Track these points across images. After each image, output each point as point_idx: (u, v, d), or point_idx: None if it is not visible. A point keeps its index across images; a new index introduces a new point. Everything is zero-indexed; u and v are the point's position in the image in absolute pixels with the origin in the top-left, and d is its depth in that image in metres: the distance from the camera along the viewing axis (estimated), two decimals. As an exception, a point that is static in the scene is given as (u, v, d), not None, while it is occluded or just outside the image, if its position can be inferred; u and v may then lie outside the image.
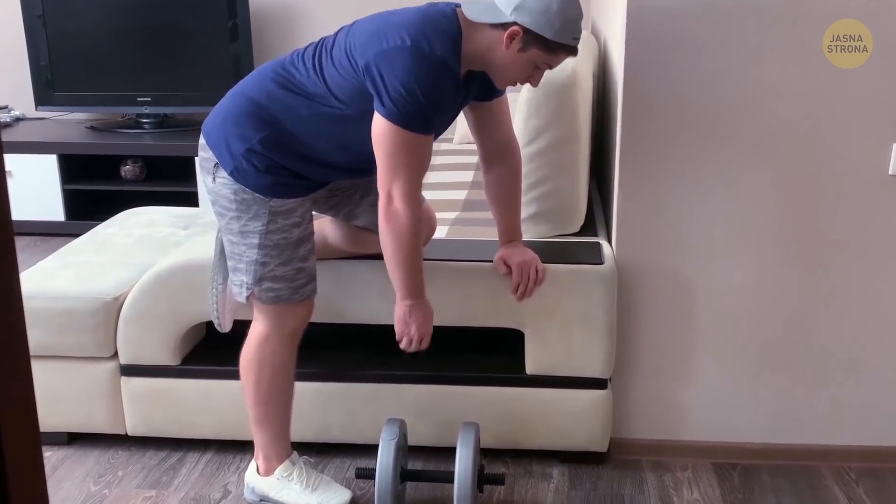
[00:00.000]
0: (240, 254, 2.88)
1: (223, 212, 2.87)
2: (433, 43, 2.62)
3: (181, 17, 6.07)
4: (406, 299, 2.85)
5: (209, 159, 2.86)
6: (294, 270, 2.89)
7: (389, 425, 2.96)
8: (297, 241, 2.88)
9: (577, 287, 3.15)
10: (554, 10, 2.60)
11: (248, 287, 2.90)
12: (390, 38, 2.63)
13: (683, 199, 3.16)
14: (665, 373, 3.36)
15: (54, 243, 5.59)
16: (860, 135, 3.06)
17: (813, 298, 3.23)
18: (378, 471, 2.87)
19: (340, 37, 2.77)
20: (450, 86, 2.69)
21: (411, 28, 2.64)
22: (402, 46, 2.61)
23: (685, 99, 3.07)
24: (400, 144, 2.67)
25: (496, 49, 2.69)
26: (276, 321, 2.95)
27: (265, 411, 3.03)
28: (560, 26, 2.62)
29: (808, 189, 3.12)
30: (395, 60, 2.61)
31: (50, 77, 6.15)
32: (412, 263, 2.81)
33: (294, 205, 2.86)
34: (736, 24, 2.98)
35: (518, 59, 2.70)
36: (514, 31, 2.63)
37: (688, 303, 3.27)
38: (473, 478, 2.86)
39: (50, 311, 3.31)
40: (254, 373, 3.00)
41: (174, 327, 3.32)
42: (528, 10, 2.61)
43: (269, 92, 2.81)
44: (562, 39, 2.65)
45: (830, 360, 3.30)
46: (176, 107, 6.26)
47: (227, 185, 2.83)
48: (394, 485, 2.86)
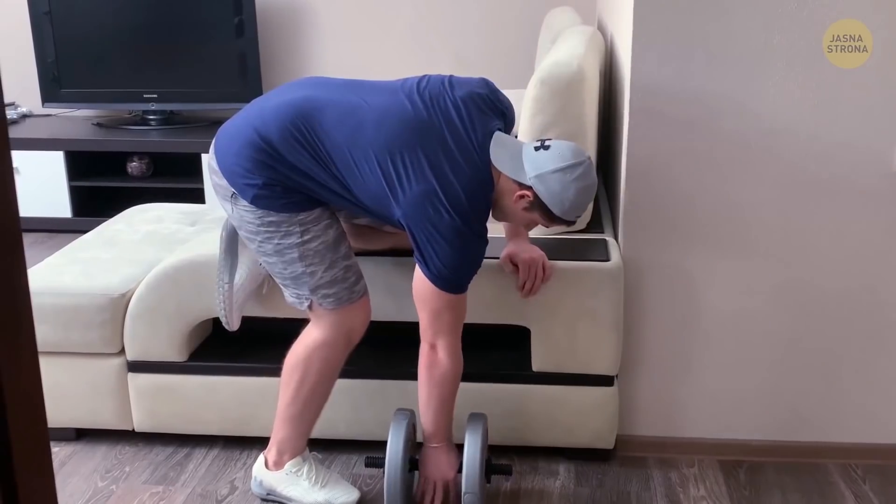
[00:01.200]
0: (282, 272, 2.89)
1: (252, 236, 2.87)
2: (481, 221, 2.76)
3: (187, 13, 6.07)
4: (433, 441, 2.97)
5: (225, 188, 2.84)
6: (342, 270, 2.90)
7: (399, 415, 2.97)
8: (335, 241, 2.89)
9: (583, 284, 3.15)
10: (570, 195, 2.73)
11: (306, 298, 2.91)
12: (436, 207, 2.68)
13: (690, 197, 3.16)
14: (671, 370, 3.36)
15: (61, 240, 5.58)
16: (865, 131, 3.06)
17: (818, 295, 3.23)
18: (388, 459, 2.87)
19: (384, 157, 2.72)
20: (484, 250, 2.82)
21: (459, 204, 2.69)
22: (452, 225, 2.69)
23: (692, 96, 3.07)
24: (443, 305, 2.81)
25: (506, 196, 2.78)
26: (339, 325, 2.95)
27: (300, 411, 3.04)
28: (569, 208, 2.76)
29: (813, 187, 3.12)
30: (442, 238, 2.70)
31: (56, 74, 6.16)
32: (447, 410, 2.96)
33: (319, 211, 2.86)
34: (743, 19, 2.98)
35: (520, 213, 2.83)
36: (526, 195, 2.74)
37: (694, 300, 3.27)
38: (481, 467, 2.87)
39: (57, 308, 3.32)
40: (300, 374, 2.99)
41: (181, 324, 3.32)
42: (547, 184, 2.72)
43: (286, 143, 2.76)
44: (565, 217, 2.79)
45: (837, 357, 3.30)
46: (182, 103, 6.27)
47: (249, 211, 2.82)
48: (403, 473, 2.87)
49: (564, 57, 3.20)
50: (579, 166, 2.71)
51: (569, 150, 2.73)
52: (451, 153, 2.70)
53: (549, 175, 2.69)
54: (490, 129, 2.77)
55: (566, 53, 3.22)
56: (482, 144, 2.74)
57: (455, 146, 2.70)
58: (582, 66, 3.20)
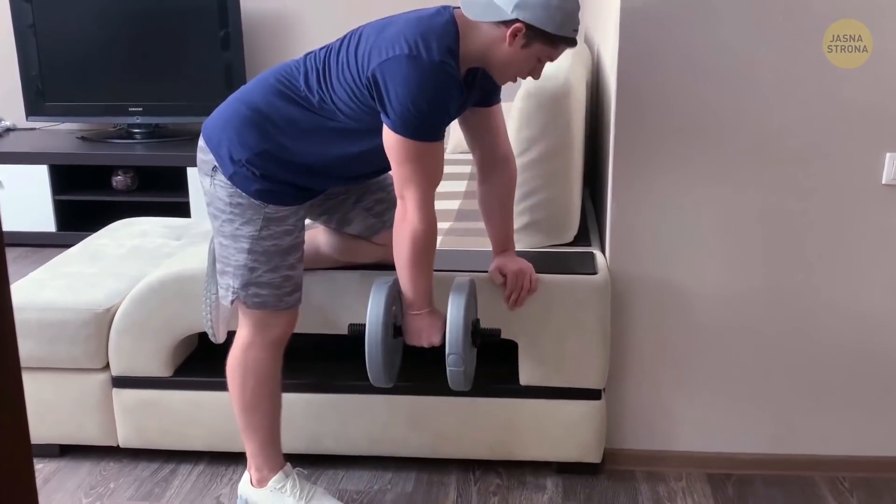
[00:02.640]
0: (228, 256, 2.89)
1: (217, 214, 2.88)
2: (431, 48, 2.63)
3: (173, 26, 6.08)
4: (414, 308, 2.85)
5: (208, 162, 2.87)
6: (281, 278, 2.90)
7: (380, 280, 2.87)
8: (287, 248, 2.89)
9: (570, 297, 3.16)
10: (554, 5, 2.63)
11: (234, 291, 2.90)
12: (388, 49, 2.65)
13: (677, 209, 3.17)
14: (659, 383, 3.37)
15: (45, 254, 5.58)
16: (854, 142, 3.08)
17: (807, 308, 3.24)
18: (368, 322, 2.77)
19: (344, 48, 2.78)
20: (452, 89, 2.70)
21: (408, 35, 2.65)
22: (400, 56, 2.62)
23: (679, 107, 3.08)
24: (409, 154, 2.70)
25: (497, 47, 2.70)
26: (260, 328, 2.96)
27: (251, 418, 3.03)
28: (561, 20, 2.65)
29: (802, 198, 3.13)
30: (395, 71, 2.63)
31: (40, 87, 6.16)
32: (424, 273, 2.83)
33: (288, 212, 2.86)
34: (730, 31, 2.99)
35: (521, 55, 2.71)
36: (517, 28, 2.65)
37: (682, 312, 3.27)
38: (465, 327, 2.79)
39: (41, 323, 3.31)
40: (238, 379, 3.00)
41: (166, 338, 3.32)
42: (529, 7, 2.62)
43: (271, 102, 2.82)
44: (563, 32, 2.68)
45: (825, 369, 3.30)
46: (167, 117, 6.26)
47: (223, 188, 2.83)
48: (384, 337, 2.77)
49: (551, 70, 3.20)
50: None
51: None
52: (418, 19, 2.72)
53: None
54: (444, 6, 2.78)
55: (552, 66, 3.23)
56: (444, 15, 2.72)
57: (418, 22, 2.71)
58: (568, 79, 3.21)
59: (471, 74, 2.80)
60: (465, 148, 3.11)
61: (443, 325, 2.84)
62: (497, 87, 2.96)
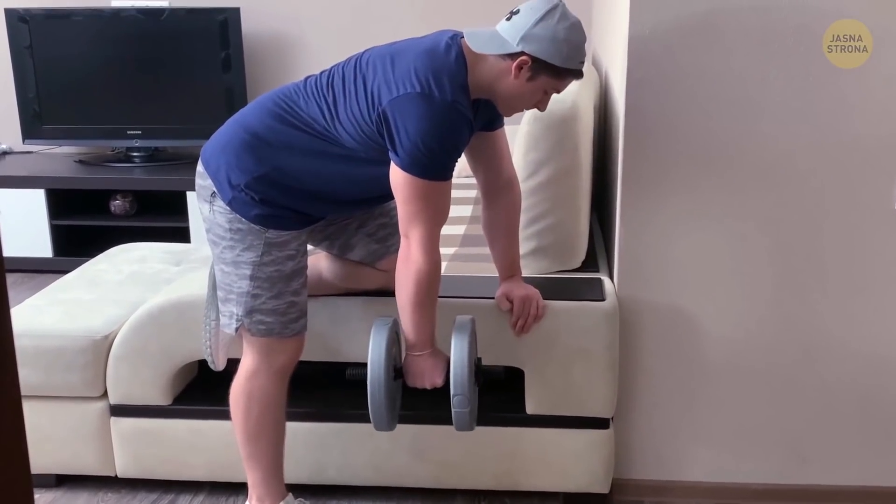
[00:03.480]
0: (230, 284, 2.89)
1: (217, 240, 2.88)
2: (443, 87, 2.64)
3: (172, 47, 6.09)
4: (416, 349, 2.84)
5: (207, 187, 2.87)
6: (286, 304, 2.90)
7: (380, 321, 2.84)
8: (290, 274, 2.89)
9: (578, 324, 3.16)
10: (561, 38, 2.64)
11: (237, 319, 2.90)
12: (399, 86, 2.65)
13: (686, 233, 3.17)
14: (668, 411, 3.37)
15: (42, 280, 5.59)
16: (865, 168, 3.09)
17: (818, 335, 3.24)
18: (370, 366, 2.76)
19: (350, 78, 2.78)
20: (463, 128, 2.71)
21: (419, 71, 2.66)
22: (412, 94, 2.63)
23: (688, 130, 3.09)
24: (417, 193, 2.70)
25: (503, 79, 2.71)
26: (266, 356, 2.96)
27: (254, 448, 3.03)
28: (568, 53, 2.66)
29: (812, 224, 3.14)
30: (406, 110, 2.64)
31: (37, 109, 6.17)
32: (427, 314, 2.83)
33: (290, 237, 2.87)
34: (739, 55, 3.01)
35: (527, 88, 2.73)
36: (523, 61, 2.66)
37: (691, 339, 3.28)
38: (470, 367, 2.77)
39: (38, 350, 3.32)
40: (242, 408, 3.00)
41: (165, 366, 3.32)
42: (535, 39, 2.64)
43: (270, 126, 2.82)
44: (570, 65, 2.69)
45: (836, 398, 3.30)
46: (167, 140, 6.28)
47: (223, 213, 2.84)
48: (386, 380, 2.75)
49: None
50: (555, 10, 2.67)
51: (538, 1, 2.69)
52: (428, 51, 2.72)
53: (531, 31, 2.65)
54: (449, 33, 2.79)
55: (560, 89, 3.24)
56: (453, 47, 2.73)
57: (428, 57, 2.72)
58: (576, 102, 3.22)
59: (475, 104, 2.80)
60: (469, 172, 3.10)
61: (445, 365, 2.84)
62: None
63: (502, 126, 3.01)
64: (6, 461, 1.03)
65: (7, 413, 1.03)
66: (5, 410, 1.03)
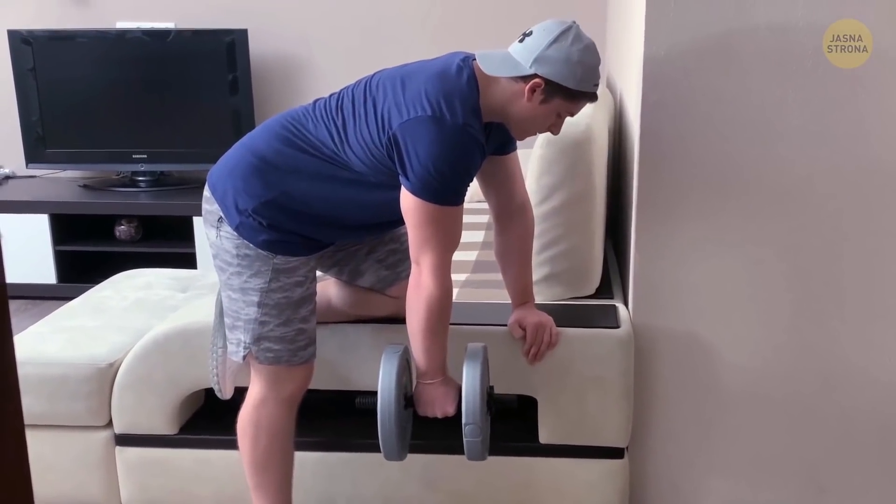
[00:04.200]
0: (237, 311, 2.89)
1: (224, 266, 2.89)
2: (455, 110, 2.65)
3: (178, 70, 6.12)
4: (427, 378, 2.84)
5: (213, 213, 2.88)
6: (294, 332, 2.90)
7: (390, 349, 2.84)
8: (298, 301, 2.89)
9: (592, 352, 3.15)
10: (575, 60, 2.64)
11: (245, 346, 2.90)
12: (410, 109, 2.66)
13: (702, 259, 3.17)
14: (684, 441, 3.36)
15: (46, 307, 5.58)
16: (884, 191, 3.08)
17: (839, 362, 3.23)
18: (380, 394, 2.74)
19: (360, 101, 2.78)
20: (475, 152, 2.71)
21: (430, 94, 2.66)
22: (423, 117, 2.64)
23: (704, 154, 3.09)
24: (428, 218, 2.70)
25: (516, 102, 2.71)
26: (274, 384, 2.95)
27: (262, 478, 3.03)
28: (582, 75, 2.66)
29: (831, 250, 3.13)
30: (417, 133, 2.64)
31: (41, 133, 6.19)
32: (438, 341, 2.82)
33: (298, 263, 2.87)
34: (755, 76, 3.01)
35: (540, 111, 2.73)
36: (536, 84, 2.66)
37: (708, 367, 3.27)
38: (482, 396, 2.76)
39: (41, 378, 3.32)
40: (249, 437, 3.00)
41: (171, 394, 3.32)
42: (548, 62, 2.64)
43: (278, 149, 2.82)
44: (584, 88, 2.69)
45: (855, 427, 3.29)
46: (173, 164, 6.30)
47: (230, 239, 2.84)
48: (397, 409, 2.74)
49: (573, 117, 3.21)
50: (569, 31, 2.67)
51: (551, 23, 2.70)
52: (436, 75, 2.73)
53: (545, 52, 2.65)
54: (461, 55, 2.80)
55: (574, 113, 3.24)
56: (464, 70, 2.74)
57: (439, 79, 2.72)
58: (590, 125, 3.23)
59: (487, 127, 2.80)
60: (481, 197, 3.10)
61: (457, 393, 2.83)
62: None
63: (515, 150, 3.01)
64: (9, 492, 1.03)
65: (10, 443, 1.04)
66: (8, 440, 1.03)
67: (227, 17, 6.18)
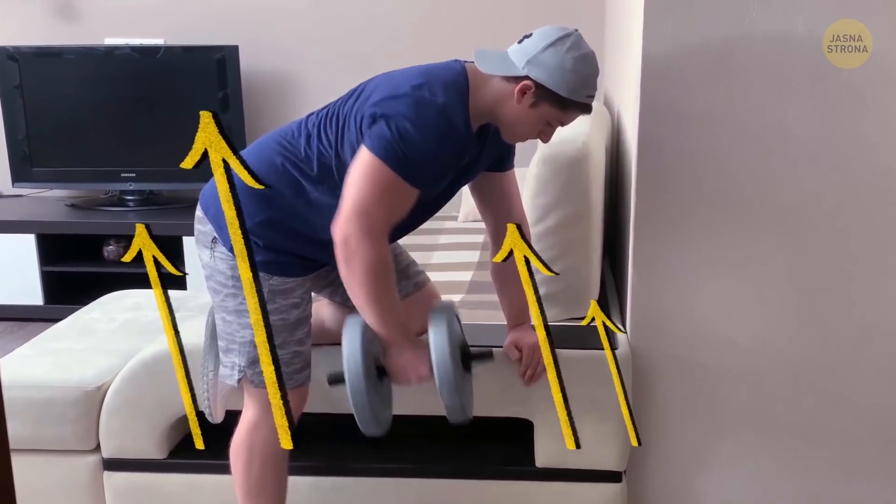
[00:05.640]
0: (232, 333, 2.90)
1: (219, 288, 2.90)
2: (435, 90, 2.66)
3: (168, 87, 6.14)
4: (393, 346, 2.76)
5: (207, 233, 2.89)
6: (290, 354, 2.91)
7: (352, 318, 2.74)
8: (294, 323, 2.90)
9: (589, 374, 3.15)
10: (568, 67, 2.65)
11: (240, 370, 2.91)
12: (391, 90, 2.68)
13: (703, 281, 3.18)
14: (682, 464, 3.37)
15: (32, 329, 5.60)
16: (891, 207, 3.09)
17: (841, 386, 3.24)
18: (346, 366, 2.63)
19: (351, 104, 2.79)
20: (452, 139, 2.69)
21: (414, 80, 2.69)
22: (400, 94, 2.65)
23: (705, 172, 3.10)
24: (376, 178, 2.62)
25: (506, 103, 2.72)
26: (268, 408, 2.95)
27: (256, 503, 3.04)
28: (574, 84, 2.67)
29: (837, 270, 3.15)
30: (392, 106, 2.64)
31: (28, 151, 6.21)
32: (389, 304, 2.73)
33: (294, 284, 2.89)
34: (758, 91, 3.02)
35: (529, 115, 2.73)
36: (526, 86, 2.67)
37: (706, 389, 3.28)
38: (452, 352, 2.67)
39: (27, 402, 3.33)
40: (243, 461, 3.00)
41: (161, 418, 3.33)
42: (541, 65, 2.65)
43: (272, 167, 2.82)
44: (575, 97, 2.69)
45: (859, 449, 3.31)
46: (162, 183, 6.31)
47: (224, 260, 2.85)
48: (367, 380, 2.63)
49: (568, 133, 3.23)
50: (567, 38, 2.67)
51: (552, 28, 2.70)
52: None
53: (539, 56, 2.65)
54: (457, 60, 2.83)
55: (570, 130, 3.25)
56: (455, 66, 2.76)
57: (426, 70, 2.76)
58: (587, 144, 3.24)
59: (483, 131, 2.82)
60: (476, 216, 3.11)
61: (428, 356, 2.71)
62: (511, 151, 2.99)
63: (512, 168, 3.03)
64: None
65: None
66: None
67: (218, 34, 6.20)
